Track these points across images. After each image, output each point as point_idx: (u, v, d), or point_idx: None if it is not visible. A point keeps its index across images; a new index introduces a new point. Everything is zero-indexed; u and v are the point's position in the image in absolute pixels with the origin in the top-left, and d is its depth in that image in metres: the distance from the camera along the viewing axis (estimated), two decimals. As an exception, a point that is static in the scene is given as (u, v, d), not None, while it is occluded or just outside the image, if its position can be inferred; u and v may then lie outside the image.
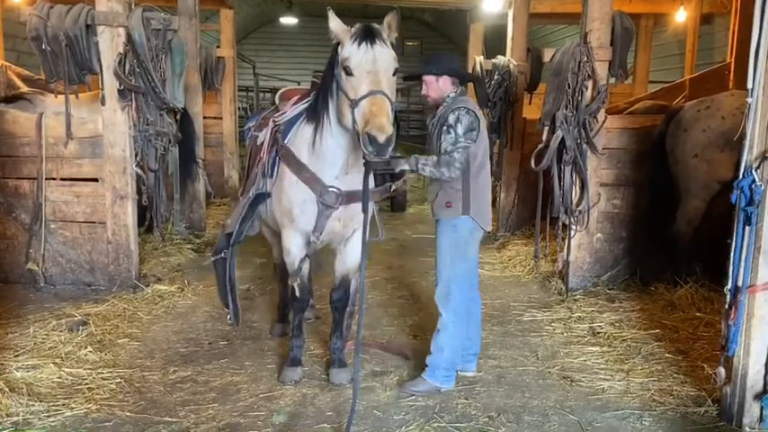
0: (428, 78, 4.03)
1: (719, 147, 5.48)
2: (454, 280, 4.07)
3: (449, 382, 4.14)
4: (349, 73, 3.46)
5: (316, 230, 4.02)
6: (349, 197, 3.93)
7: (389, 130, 3.29)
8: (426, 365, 4.13)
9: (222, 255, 4.29)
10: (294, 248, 4.15)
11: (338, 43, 3.62)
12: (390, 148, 3.35)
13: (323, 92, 3.80)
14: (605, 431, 3.73)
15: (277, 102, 4.83)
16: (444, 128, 3.85)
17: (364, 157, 3.49)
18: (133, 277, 5.96)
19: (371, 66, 3.42)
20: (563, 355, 4.78)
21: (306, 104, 4.15)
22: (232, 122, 10.77)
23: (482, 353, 4.77)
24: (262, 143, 4.41)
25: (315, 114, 3.86)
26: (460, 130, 3.81)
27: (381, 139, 3.24)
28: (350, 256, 4.24)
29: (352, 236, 4.18)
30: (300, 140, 4.02)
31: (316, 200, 3.94)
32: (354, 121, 3.42)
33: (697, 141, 5.68)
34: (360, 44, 3.45)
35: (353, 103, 3.39)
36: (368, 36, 3.47)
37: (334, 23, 3.56)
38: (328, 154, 3.87)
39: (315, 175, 3.94)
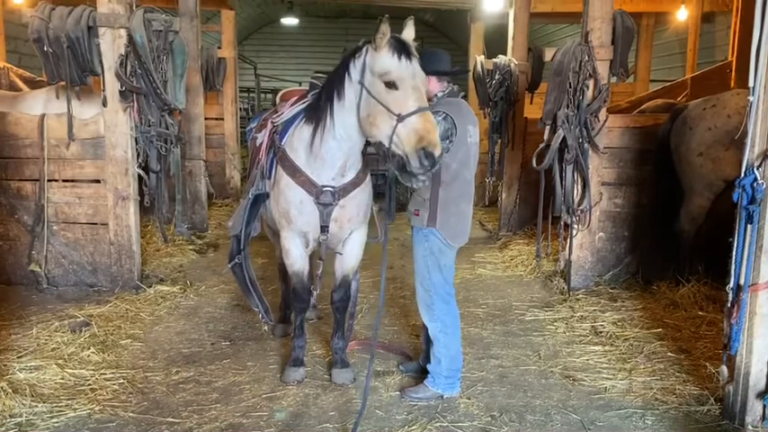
0: None
1: (724, 145, 5.46)
2: (433, 289, 3.97)
3: (451, 388, 4.05)
4: (392, 86, 3.42)
5: (323, 231, 4.03)
6: (344, 190, 3.96)
7: (441, 145, 3.38)
8: (428, 372, 4.07)
9: (237, 260, 4.37)
10: (293, 249, 4.15)
11: (356, 50, 3.59)
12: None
13: (328, 94, 3.75)
14: (608, 430, 3.73)
15: (277, 103, 4.83)
16: None
17: (385, 163, 3.53)
18: (135, 278, 5.97)
19: (414, 80, 3.45)
20: (565, 354, 4.78)
21: (304, 105, 4.16)
22: (233, 123, 10.81)
23: (484, 352, 4.79)
24: (261, 144, 4.42)
25: (316, 116, 3.85)
26: None
27: (437, 154, 3.32)
28: (349, 257, 4.25)
29: (350, 237, 4.19)
30: (298, 141, 4.02)
31: (313, 201, 3.96)
32: (395, 134, 3.39)
33: (702, 139, 5.67)
34: (400, 57, 3.43)
35: (399, 118, 3.37)
36: (405, 49, 3.47)
37: (386, 28, 3.44)
38: (327, 156, 3.87)
39: (309, 178, 3.95)
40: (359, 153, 3.94)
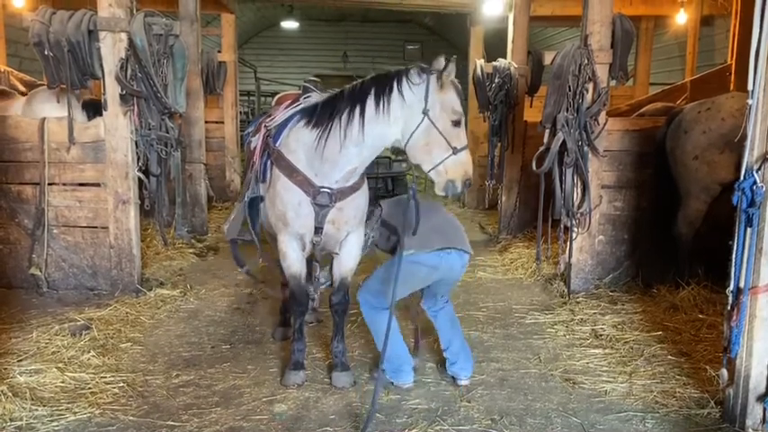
0: None
1: (719, 148, 5.48)
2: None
3: (392, 375, 4.22)
4: (457, 125, 3.78)
5: (317, 233, 4.04)
6: (342, 193, 4.00)
7: None
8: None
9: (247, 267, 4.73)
10: (290, 252, 4.15)
11: (405, 73, 3.77)
12: None
13: (357, 103, 3.81)
14: (608, 433, 3.73)
15: (272, 106, 4.85)
16: None
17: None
18: (135, 281, 5.98)
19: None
20: (565, 357, 4.78)
21: (298, 108, 4.17)
22: (233, 126, 10.85)
23: (484, 355, 4.79)
24: (255, 148, 4.44)
25: (329, 121, 3.86)
26: None
27: (470, 182, 3.89)
28: (347, 259, 4.25)
29: (348, 239, 4.19)
30: (296, 143, 4.03)
31: (310, 202, 3.96)
32: (442, 163, 3.75)
33: (697, 143, 5.68)
34: (463, 100, 3.85)
35: (455, 151, 3.75)
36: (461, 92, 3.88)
37: (453, 68, 3.76)
38: (342, 160, 3.89)
39: (308, 178, 3.96)
40: (370, 161, 4.04)
